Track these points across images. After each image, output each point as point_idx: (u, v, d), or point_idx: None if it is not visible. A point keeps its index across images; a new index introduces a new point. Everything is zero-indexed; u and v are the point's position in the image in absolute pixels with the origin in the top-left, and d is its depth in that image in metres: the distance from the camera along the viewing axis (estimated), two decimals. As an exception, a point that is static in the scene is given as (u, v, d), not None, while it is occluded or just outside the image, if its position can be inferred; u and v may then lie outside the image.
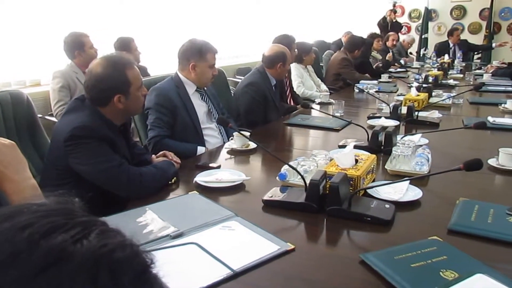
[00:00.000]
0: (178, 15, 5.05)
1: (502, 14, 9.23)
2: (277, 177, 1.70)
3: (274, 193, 1.59)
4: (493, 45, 7.97)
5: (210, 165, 1.95)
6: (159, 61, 4.40)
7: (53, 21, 3.70)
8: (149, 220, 1.41)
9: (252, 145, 2.20)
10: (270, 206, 1.55)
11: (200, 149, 2.33)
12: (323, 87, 4.46)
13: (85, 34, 3.29)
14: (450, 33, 7.34)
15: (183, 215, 1.45)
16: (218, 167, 1.94)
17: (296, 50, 3.72)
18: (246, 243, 1.28)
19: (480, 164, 1.36)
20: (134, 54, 3.67)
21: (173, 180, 1.76)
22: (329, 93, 3.89)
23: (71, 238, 0.37)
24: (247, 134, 2.22)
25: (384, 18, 8.38)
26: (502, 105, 3.32)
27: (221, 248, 1.24)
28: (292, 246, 1.25)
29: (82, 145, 1.56)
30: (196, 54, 2.39)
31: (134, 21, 4.42)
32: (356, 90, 4.04)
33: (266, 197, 1.56)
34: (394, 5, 8.72)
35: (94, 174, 1.60)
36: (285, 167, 1.70)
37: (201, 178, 1.75)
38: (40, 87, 3.57)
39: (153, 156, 1.97)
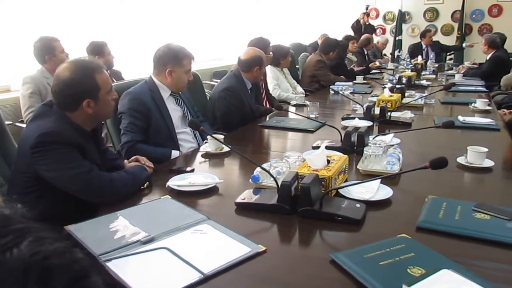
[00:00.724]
0: (153, 19, 5.02)
1: (473, 16, 9.48)
2: (250, 180, 1.71)
3: (247, 196, 1.59)
4: (464, 45, 8.18)
5: (184, 169, 1.94)
6: (134, 65, 4.35)
7: (23, 26, 3.63)
8: (120, 226, 1.39)
9: (226, 148, 2.20)
10: (243, 209, 1.55)
11: (174, 153, 2.31)
12: (299, 89, 4.49)
13: (56, 38, 3.23)
14: (423, 35, 7.50)
15: (155, 220, 1.43)
16: (192, 170, 1.93)
17: (271, 53, 3.74)
18: (217, 246, 1.27)
19: (445, 162, 1.39)
20: (107, 58, 3.63)
21: (145, 185, 1.75)
22: (304, 95, 3.92)
23: (1, 247, 0.36)
24: (221, 137, 2.22)
25: (358, 21, 8.50)
26: (472, 104, 3.41)
27: (192, 252, 1.23)
28: (264, 248, 1.25)
29: (49, 152, 1.53)
30: (173, 60, 2.38)
31: (108, 25, 4.37)
32: (331, 92, 4.08)
33: (238, 200, 1.56)
34: (367, 8, 8.85)
35: (62, 180, 1.57)
36: (258, 169, 1.70)
37: (174, 182, 1.74)
38: (10, 93, 3.49)
39: (126, 161, 1.94)
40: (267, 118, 3.13)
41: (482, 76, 5.19)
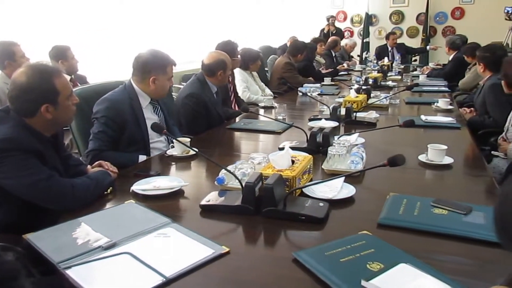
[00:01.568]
0: (118, 22, 4.94)
1: (437, 18, 9.75)
2: (215, 182, 1.71)
3: (212, 198, 1.59)
4: (428, 48, 8.41)
5: (149, 173, 1.92)
6: (99, 69, 4.28)
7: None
8: (81, 233, 1.37)
9: (192, 151, 2.19)
10: (208, 211, 1.55)
11: (142, 158, 2.28)
12: (268, 91, 4.52)
13: (15, 43, 3.14)
14: (387, 37, 7.68)
15: (118, 225, 1.42)
16: (158, 174, 1.92)
17: (239, 56, 3.75)
18: (180, 249, 1.27)
19: (402, 159, 1.43)
20: (71, 63, 3.56)
21: (109, 190, 1.72)
22: (272, 97, 3.95)
23: None
24: (187, 140, 2.21)
25: (322, 30, 8.65)
26: (435, 104, 3.51)
27: (155, 256, 1.22)
28: (227, 249, 1.25)
29: (6, 159, 1.49)
30: (158, 68, 2.34)
31: (71, 29, 4.27)
32: (300, 94, 4.12)
33: (203, 202, 1.56)
34: (328, 20, 8.98)
35: (21, 188, 1.53)
36: (223, 171, 1.70)
37: (138, 186, 1.72)
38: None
39: (89, 166, 1.91)
40: (237, 120, 3.14)
41: (445, 77, 5.35)
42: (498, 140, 2.85)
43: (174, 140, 2.15)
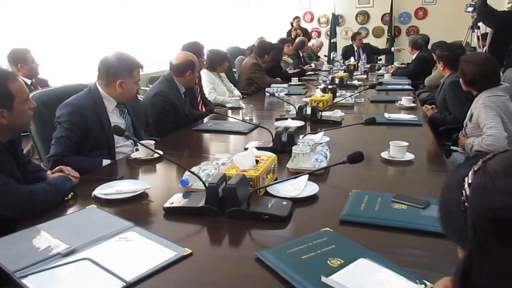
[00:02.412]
0: (82, 23, 4.83)
1: (401, 18, 10.01)
2: (179, 184, 1.69)
3: (176, 200, 1.58)
4: (392, 49, 8.62)
5: (112, 176, 1.89)
6: (62, 72, 4.17)
7: None
8: (39, 240, 1.33)
9: (159, 153, 2.17)
10: (171, 213, 1.53)
11: (106, 162, 2.24)
12: (236, 92, 4.53)
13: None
14: (353, 38, 7.81)
15: (78, 231, 1.38)
16: (121, 178, 1.89)
17: (205, 57, 3.74)
18: (141, 253, 1.25)
19: (361, 156, 1.46)
20: (31, 66, 3.46)
21: (69, 195, 1.68)
22: (239, 98, 3.96)
23: None
24: (151, 143, 2.19)
25: (289, 33, 8.72)
26: (398, 102, 3.59)
27: (116, 260, 1.20)
28: (190, 251, 1.25)
29: (-41, 165, 1.44)
30: (125, 71, 2.30)
31: (31, 31, 4.15)
32: (267, 94, 4.14)
33: (167, 205, 1.55)
34: (292, 24, 9.07)
35: (-25, 196, 1.47)
36: (187, 172, 1.69)
37: (100, 190, 1.69)
38: None
39: (49, 172, 1.86)
40: (204, 121, 3.13)
41: (409, 75, 5.49)
42: (458, 135, 2.94)
43: (138, 143, 2.12)
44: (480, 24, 6.47)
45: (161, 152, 1.97)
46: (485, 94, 2.65)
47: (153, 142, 2.23)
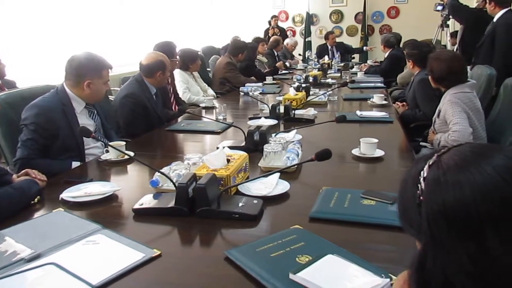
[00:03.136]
0: (51, 23, 4.73)
1: (374, 17, 10.16)
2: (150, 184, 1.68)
3: (146, 201, 1.56)
4: (365, 48, 8.74)
5: (81, 179, 1.85)
6: (30, 73, 4.07)
7: None
8: (3, 245, 1.30)
9: (129, 154, 2.14)
10: (141, 215, 1.51)
11: (75, 164, 2.20)
12: (210, 91, 4.51)
13: None
14: (326, 37, 7.89)
15: (44, 235, 1.35)
16: (90, 180, 1.85)
17: (178, 57, 3.71)
18: (109, 256, 1.23)
19: (328, 153, 1.47)
20: (-3, 67, 3.36)
21: (36, 199, 1.64)
22: (213, 98, 3.94)
23: None
24: (122, 144, 2.16)
25: (267, 33, 8.72)
26: (370, 99, 3.64)
27: (82, 264, 1.18)
28: (158, 252, 1.23)
29: None
30: (93, 71, 2.25)
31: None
32: (242, 93, 4.14)
33: (136, 206, 1.53)
34: (270, 23, 9.08)
35: None
36: (157, 173, 1.67)
37: (68, 193, 1.65)
38: None
39: (14, 175, 1.81)
40: (178, 121, 3.11)
41: (381, 73, 5.57)
42: (429, 131, 3.00)
43: (107, 145, 2.09)
44: (449, 22, 6.63)
45: (131, 154, 1.94)
46: (452, 91, 2.70)
47: (124, 143, 2.20)
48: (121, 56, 5.84)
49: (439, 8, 6.30)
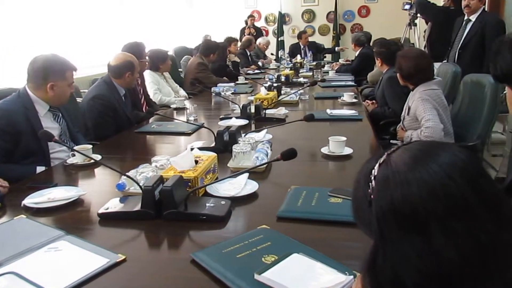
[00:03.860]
0: (14, 24, 4.59)
1: (346, 16, 10.27)
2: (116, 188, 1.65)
3: (112, 205, 1.53)
4: (336, 49, 8.82)
5: (45, 184, 1.81)
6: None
7: None
8: (-40, 255, 1.25)
9: (95, 157, 2.10)
10: (107, 219, 1.49)
11: (40, 169, 2.14)
12: (182, 92, 4.47)
13: None
14: (299, 36, 7.94)
15: (4, 244, 1.31)
16: (54, 185, 1.81)
17: (147, 57, 3.67)
18: (72, 262, 1.20)
19: (294, 153, 1.48)
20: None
21: (-4, 206, 1.59)
22: (184, 99, 3.91)
23: None
24: (89, 147, 2.12)
25: (243, 33, 8.71)
26: (341, 98, 3.68)
27: (43, 272, 1.15)
28: (123, 257, 1.21)
29: None
30: (56, 73, 2.20)
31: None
32: (214, 94, 4.12)
33: (101, 210, 1.50)
34: (246, 23, 9.08)
35: None
36: (124, 176, 1.65)
37: (31, 199, 1.61)
38: None
39: (-27, 182, 1.75)
40: (149, 122, 3.07)
41: (352, 72, 5.65)
42: (397, 129, 3.05)
43: (71, 149, 2.04)
44: (417, 21, 6.76)
45: (98, 157, 1.91)
46: (421, 88, 2.76)
47: (91, 146, 2.16)
48: (92, 57, 5.74)
49: (407, 7, 6.43)
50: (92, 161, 2.09)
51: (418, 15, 6.08)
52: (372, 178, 0.64)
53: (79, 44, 5.47)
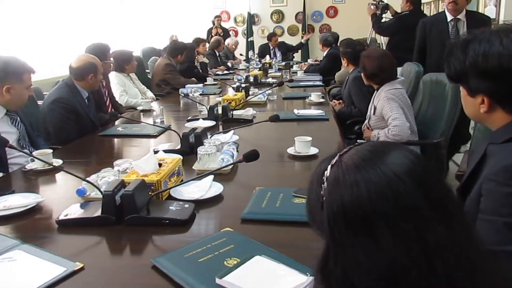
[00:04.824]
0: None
1: (314, 17, 10.37)
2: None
3: (71, 211, 1.49)
4: (303, 40, 8.82)
5: (1, 191, 1.73)
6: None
7: None
8: None
9: (56, 162, 2.04)
10: (66, 226, 1.44)
11: (-4, 175, 2.06)
12: (149, 94, 4.40)
13: None
14: (269, 38, 7.97)
15: (-47, 255, 1.25)
16: (11, 192, 1.74)
17: (112, 59, 3.59)
18: (27, 273, 1.16)
19: (256, 155, 1.48)
20: None
21: None
22: (151, 100, 3.86)
23: None
24: (49, 152, 2.05)
25: (210, 32, 8.66)
26: (308, 98, 3.70)
27: (-4, 283, 1.10)
28: (81, 265, 1.17)
29: None
30: (12, 76, 2.13)
31: None
32: (182, 95, 4.08)
33: (61, 217, 1.45)
34: (213, 23, 9.04)
35: None
36: (84, 181, 1.60)
37: (-14, 208, 1.54)
38: None
39: None
40: (116, 124, 3.01)
41: (320, 72, 5.70)
42: (362, 128, 3.09)
43: (29, 155, 1.98)
44: (383, 20, 6.88)
45: (58, 162, 1.85)
46: (386, 88, 2.81)
47: (51, 151, 2.09)
48: (56, 59, 5.58)
49: (372, 7, 6.53)
50: (53, 166, 2.02)
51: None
52: (325, 179, 0.64)
53: (42, 45, 5.32)
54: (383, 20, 5.67)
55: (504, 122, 1.09)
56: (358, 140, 3.07)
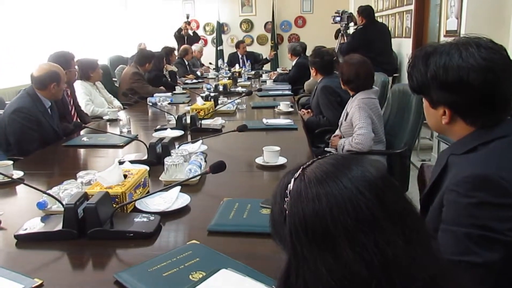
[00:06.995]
0: None
1: (283, 26, 10.48)
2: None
3: (31, 225, 1.43)
4: (268, 58, 8.84)
5: (-44, 205, 1.66)
6: None
7: None
8: None
9: (17, 174, 1.96)
10: (25, 241, 1.39)
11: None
12: (116, 103, 4.32)
13: None
14: (237, 46, 7.99)
15: None
16: (-33, 206, 1.66)
17: (76, 67, 3.51)
18: (-19, 292, 1.11)
19: (223, 166, 1.47)
20: None
21: None
22: (118, 109, 3.79)
23: None
24: (9, 163, 1.98)
25: (180, 30, 8.60)
26: (277, 107, 3.72)
27: None
28: (39, 282, 1.13)
29: None
30: None
31: None
32: (149, 104, 4.02)
33: (19, 231, 1.40)
34: (187, 17, 9.01)
35: None
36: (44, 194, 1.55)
37: None
38: None
39: None
40: (81, 134, 2.93)
41: (289, 81, 5.75)
42: (331, 137, 3.12)
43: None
44: (349, 31, 7.03)
45: (19, 174, 1.78)
46: (361, 96, 2.84)
47: (11, 162, 2.02)
48: (18, 67, 5.41)
49: (337, 19, 6.68)
50: (13, 177, 1.95)
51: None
52: (288, 192, 0.64)
53: (4, 53, 5.15)
54: (349, 30, 5.80)
55: (464, 133, 1.12)
56: (325, 149, 3.11)
